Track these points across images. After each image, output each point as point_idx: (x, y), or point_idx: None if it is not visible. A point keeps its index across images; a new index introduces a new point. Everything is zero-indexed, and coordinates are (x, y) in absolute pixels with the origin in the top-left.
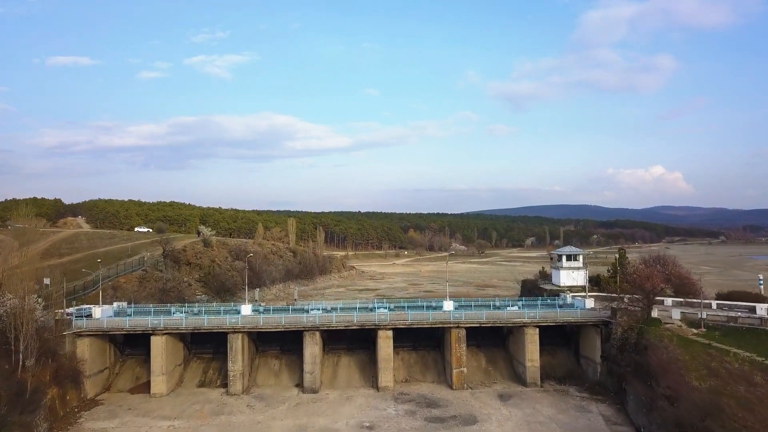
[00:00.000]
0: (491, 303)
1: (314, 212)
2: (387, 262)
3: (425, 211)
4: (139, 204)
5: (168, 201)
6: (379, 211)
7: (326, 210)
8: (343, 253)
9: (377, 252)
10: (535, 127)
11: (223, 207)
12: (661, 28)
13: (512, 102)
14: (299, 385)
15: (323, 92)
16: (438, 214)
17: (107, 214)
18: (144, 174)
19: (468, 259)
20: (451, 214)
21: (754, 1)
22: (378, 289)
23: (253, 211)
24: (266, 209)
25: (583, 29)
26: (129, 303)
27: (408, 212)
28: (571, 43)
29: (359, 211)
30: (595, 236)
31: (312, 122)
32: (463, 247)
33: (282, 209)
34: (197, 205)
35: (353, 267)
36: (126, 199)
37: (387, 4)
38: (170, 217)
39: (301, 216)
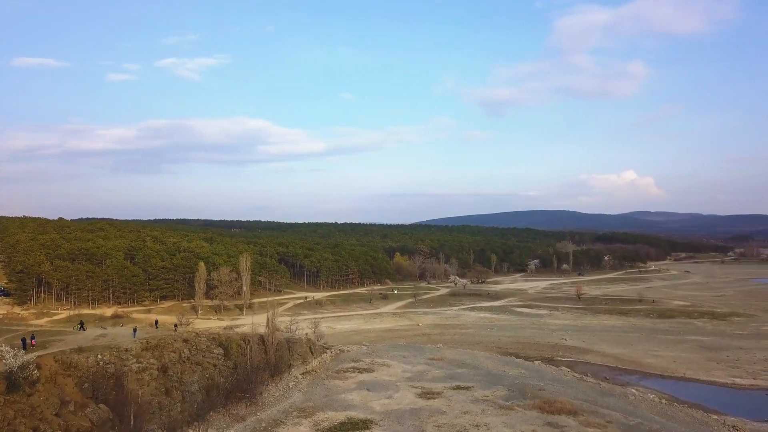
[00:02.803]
0: None
1: (288, 223)
2: (373, 309)
3: (405, 219)
4: (42, 224)
5: (101, 218)
6: (357, 222)
7: (302, 220)
8: (310, 296)
9: (359, 292)
10: (511, 133)
11: (184, 221)
12: (635, 35)
13: (488, 108)
14: None
15: (298, 96)
16: (424, 225)
17: None
18: (114, 179)
19: (476, 301)
20: (435, 226)
21: (725, 9)
22: (370, 417)
23: (206, 232)
24: (237, 219)
25: (559, 35)
26: None
27: (389, 223)
28: (547, 50)
29: (335, 222)
30: (606, 257)
31: (287, 126)
32: (463, 280)
33: (254, 219)
34: (146, 219)
35: (327, 348)
36: (23, 215)
37: (363, 9)
38: (86, 250)
39: (264, 243)
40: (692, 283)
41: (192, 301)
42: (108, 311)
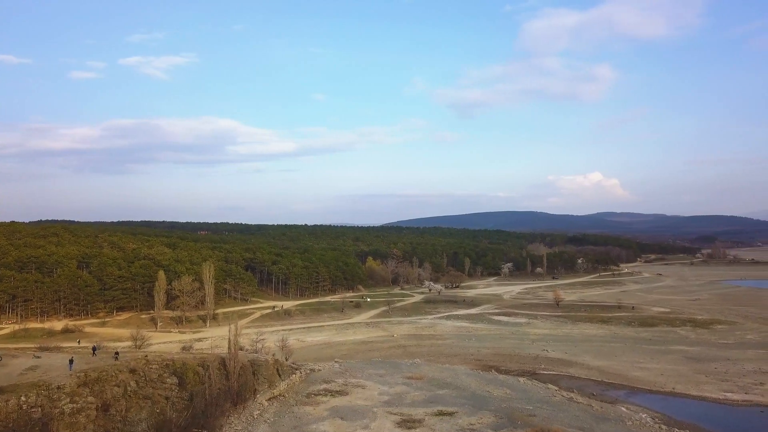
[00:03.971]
0: None
1: (257, 225)
2: (345, 319)
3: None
4: None
5: (61, 221)
6: (328, 223)
7: (271, 222)
8: (278, 305)
9: (330, 300)
10: (481, 134)
11: (145, 223)
12: (602, 39)
13: (459, 109)
14: None
15: (267, 96)
16: (395, 227)
17: None
18: (78, 179)
19: (451, 308)
20: (407, 228)
21: (688, 15)
22: None
23: (169, 236)
24: (204, 220)
25: (527, 38)
26: None
27: (361, 224)
28: (516, 52)
29: (305, 225)
30: (580, 261)
31: (256, 126)
32: (438, 286)
33: (221, 221)
34: (109, 221)
35: (296, 367)
36: None
37: (334, 10)
38: (35, 257)
39: (230, 248)
40: (666, 287)
41: (151, 312)
42: (58, 325)
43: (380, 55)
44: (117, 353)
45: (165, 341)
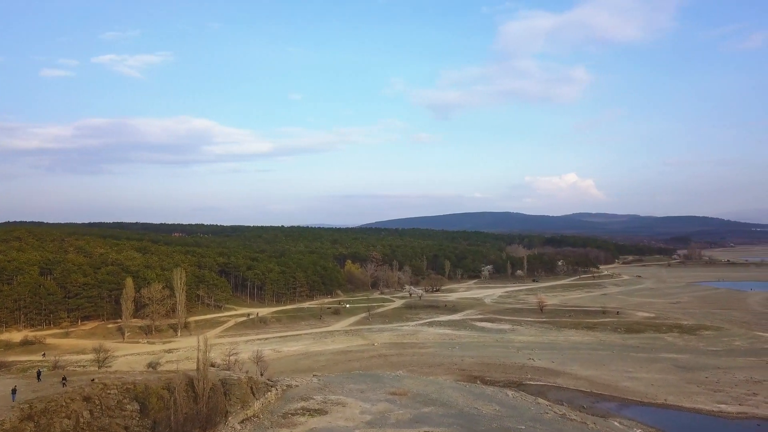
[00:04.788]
0: None
1: (232, 227)
2: (323, 327)
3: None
4: None
5: (30, 222)
6: (305, 224)
7: (247, 223)
8: (254, 312)
9: (308, 306)
10: (459, 135)
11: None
12: (577, 41)
13: (437, 110)
14: None
15: (244, 96)
16: (374, 228)
17: None
18: (50, 179)
19: (433, 314)
20: (386, 229)
21: (661, 18)
22: None
23: (141, 240)
24: (178, 222)
25: (504, 40)
26: None
27: (339, 225)
28: (494, 53)
29: (282, 226)
30: (560, 263)
31: (233, 126)
32: (418, 290)
33: (196, 223)
34: (80, 222)
35: (271, 384)
36: None
37: (313, 9)
38: None
39: (203, 252)
40: (646, 289)
41: (119, 321)
42: (17, 336)
43: (358, 55)
44: (64, 379)
45: (132, 353)
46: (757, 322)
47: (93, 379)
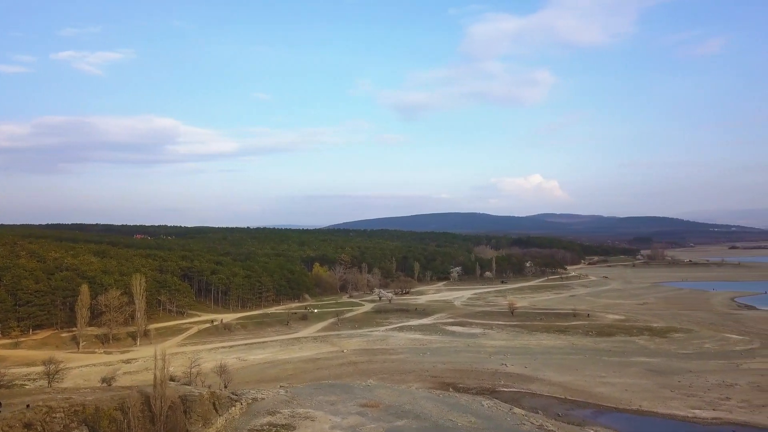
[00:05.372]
0: None
1: (196, 228)
2: (291, 333)
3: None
4: None
5: None
6: (272, 225)
7: (212, 224)
8: (218, 318)
9: (274, 312)
10: (425, 136)
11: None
12: (542, 44)
13: (404, 111)
14: None
15: (209, 95)
16: (342, 229)
17: None
18: (5, 179)
19: (403, 318)
20: (354, 230)
21: (622, 23)
22: None
23: (99, 243)
24: (141, 223)
25: (471, 42)
26: None
27: (306, 226)
28: (460, 55)
29: (248, 227)
30: (528, 264)
31: (197, 126)
32: (388, 294)
33: (159, 224)
34: (37, 223)
35: (235, 398)
36: None
37: (278, 8)
38: None
39: (165, 256)
40: (613, 290)
41: (73, 330)
42: None
43: (325, 55)
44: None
45: (87, 364)
46: (723, 323)
47: (27, 405)
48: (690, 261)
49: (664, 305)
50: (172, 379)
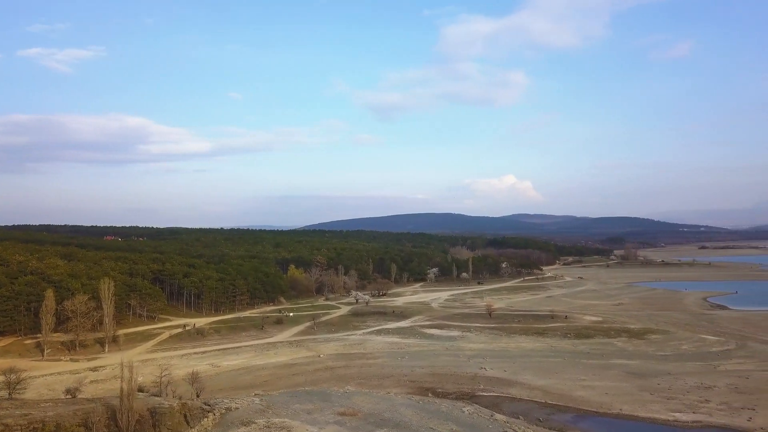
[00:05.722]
0: None
1: (169, 229)
2: (266, 338)
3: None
4: None
5: None
6: (246, 226)
7: (185, 225)
8: (190, 323)
9: (249, 315)
10: (400, 137)
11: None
12: (516, 46)
13: (379, 112)
14: None
15: (181, 94)
16: (317, 230)
17: None
18: None
19: (381, 321)
20: (330, 231)
21: (595, 26)
22: None
23: (67, 245)
24: (111, 224)
25: (445, 43)
26: None
27: (281, 226)
28: (434, 56)
29: (222, 228)
30: (504, 265)
31: (169, 125)
32: (365, 296)
33: (130, 225)
34: (2, 224)
35: (208, 408)
36: None
37: (252, 7)
38: None
39: (135, 259)
40: (588, 291)
41: (38, 337)
42: None
43: (300, 55)
44: None
45: (52, 373)
46: (698, 323)
47: (5, 424)
48: (662, 261)
49: (640, 306)
50: (140, 390)
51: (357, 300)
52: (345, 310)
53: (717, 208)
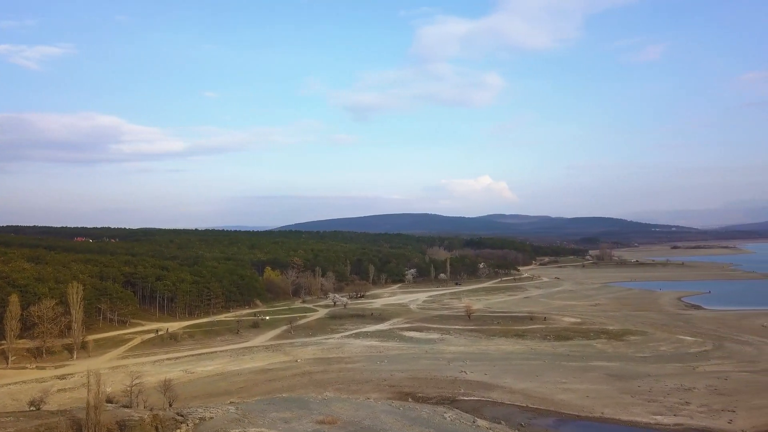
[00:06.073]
0: None
1: (142, 230)
2: (241, 342)
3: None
4: None
5: None
6: (221, 227)
7: (158, 225)
8: (163, 328)
9: (224, 319)
10: (377, 137)
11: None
12: (491, 47)
13: (355, 112)
14: None
15: (154, 93)
16: (294, 230)
17: None
18: None
19: (359, 324)
20: (307, 232)
21: (568, 28)
22: None
23: (35, 248)
24: (82, 225)
25: (421, 44)
26: None
27: (256, 227)
28: (410, 57)
29: (196, 229)
30: (481, 266)
31: (142, 124)
32: (343, 298)
33: (102, 226)
34: None
35: (181, 419)
36: None
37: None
38: None
39: (106, 261)
40: (565, 291)
41: (2, 344)
42: None
43: (276, 54)
44: None
45: (17, 381)
46: (675, 324)
47: None
48: (637, 261)
49: (617, 306)
50: (109, 401)
51: (335, 302)
52: (322, 312)
53: (688, 208)
